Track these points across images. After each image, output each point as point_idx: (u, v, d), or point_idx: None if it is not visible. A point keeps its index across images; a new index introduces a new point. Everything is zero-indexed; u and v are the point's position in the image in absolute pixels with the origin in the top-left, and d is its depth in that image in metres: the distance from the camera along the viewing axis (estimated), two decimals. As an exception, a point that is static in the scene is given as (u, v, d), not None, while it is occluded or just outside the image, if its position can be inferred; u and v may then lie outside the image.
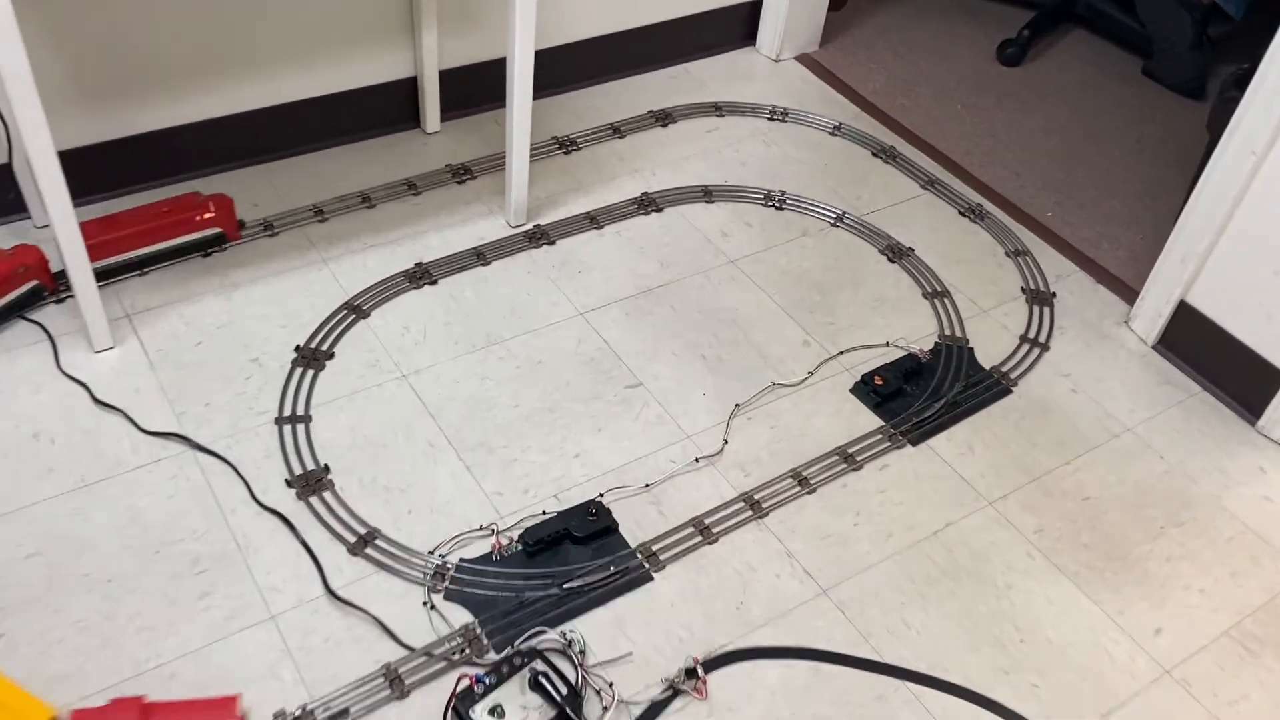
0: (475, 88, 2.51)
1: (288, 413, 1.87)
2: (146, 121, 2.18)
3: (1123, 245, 2.42)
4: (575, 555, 1.70)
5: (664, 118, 2.62)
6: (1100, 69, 3.00)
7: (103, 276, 1.99)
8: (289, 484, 1.76)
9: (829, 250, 2.32)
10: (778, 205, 2.41)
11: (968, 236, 2.41)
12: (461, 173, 2.39)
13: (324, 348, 1.99)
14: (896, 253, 2.33)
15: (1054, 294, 2.28)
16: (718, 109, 2.67)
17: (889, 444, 1.94)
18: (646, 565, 1.71)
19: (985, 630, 1.68)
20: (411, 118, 2.48)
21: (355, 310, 2.06)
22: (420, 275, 2.15)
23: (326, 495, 1.75)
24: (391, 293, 2.11)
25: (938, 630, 1.67)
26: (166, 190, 2.24)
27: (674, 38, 2.76)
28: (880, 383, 2.00)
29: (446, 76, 2.44)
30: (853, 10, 3.08)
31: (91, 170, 2.17)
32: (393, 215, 2.27)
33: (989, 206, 2.48)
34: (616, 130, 2.57)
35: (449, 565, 1.67)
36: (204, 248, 2.13)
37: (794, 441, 1.92)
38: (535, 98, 2.12)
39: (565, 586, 1.66)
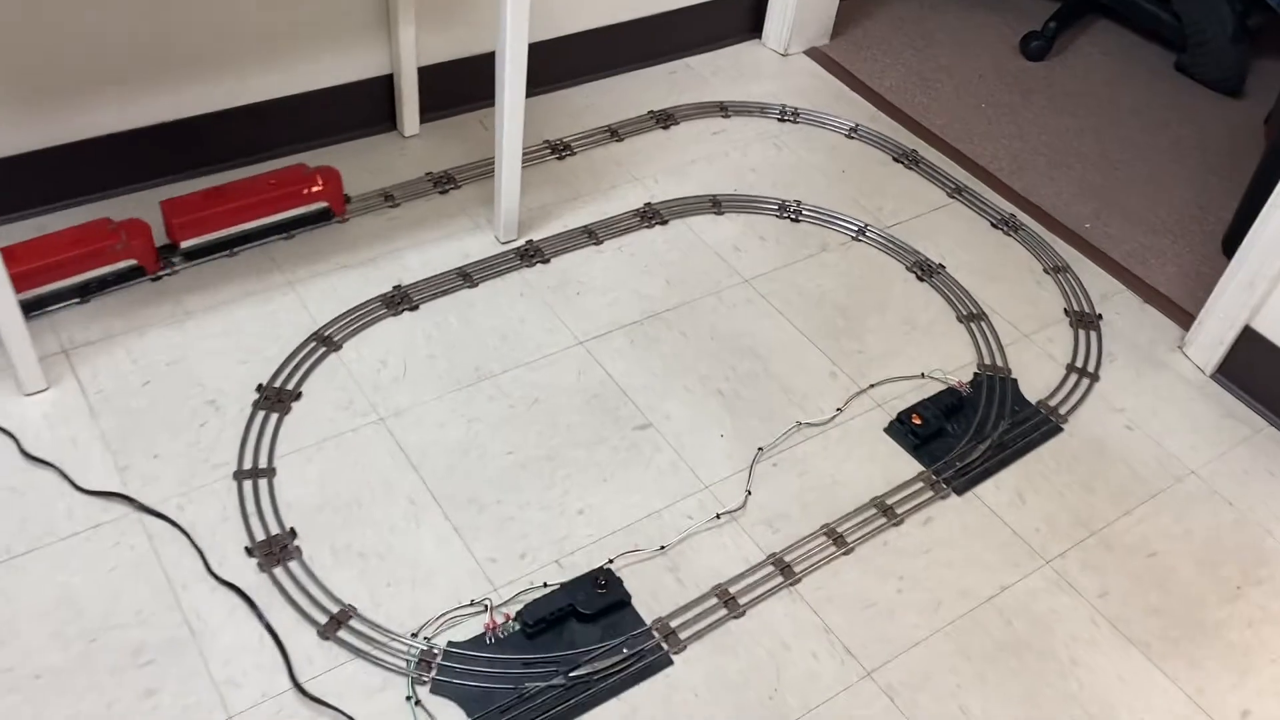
0: (457, 86, 2.26)
1: (248, 465, 1.63)
2: (87, 127, 1.93)
3: (1169, 259, 2.21)
4: (582, 636, 1.48)
5: (665, 119, 2.38)
6: (1129, 64, 2.79)
7: (206, 252, 1.93)
8: (250, 552, 1.52)
9: (852, 267, 2.10)
10: (794, 217, 2.19)
11: (1002, 251, 2.19)
12: (444, 181, 2.15)
13: (290, 387, 1.75)
14: (926, 270, 2.11)
15: (1100, 316, 2.07)
16: (723, 109, 2.44)
17: (932, 493, 1.72)
18: (665, 646, 1.49)
19: (1053, 717, 1.47)
20: (387, 119, 2.24)
21: (325, 342, 1.82)
22: (399, 300, 1.91)
23: (293, 565, 1.52)
24: (367, 321, 1.87)
25: (1000, 718, 1.46)
26: (115, 206, 1.99)
27: (673, 30, 2.53)
28: (919, 422, 1.78)
29: (426, 74, 2.20)
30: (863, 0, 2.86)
31: (18, 182, 1.91)
32: (367, 230, 2.03)
33: (1023, 217, 2.27)
34: (614, 133, 2.33)
35: (436, 650, 1.44)
36: (310, 223, 2.01)
37: (825, 491, 1.71)
38: (525, 96, 1.88)
39: (572, 675, 1.43)
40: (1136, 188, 2.39)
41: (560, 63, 2.39)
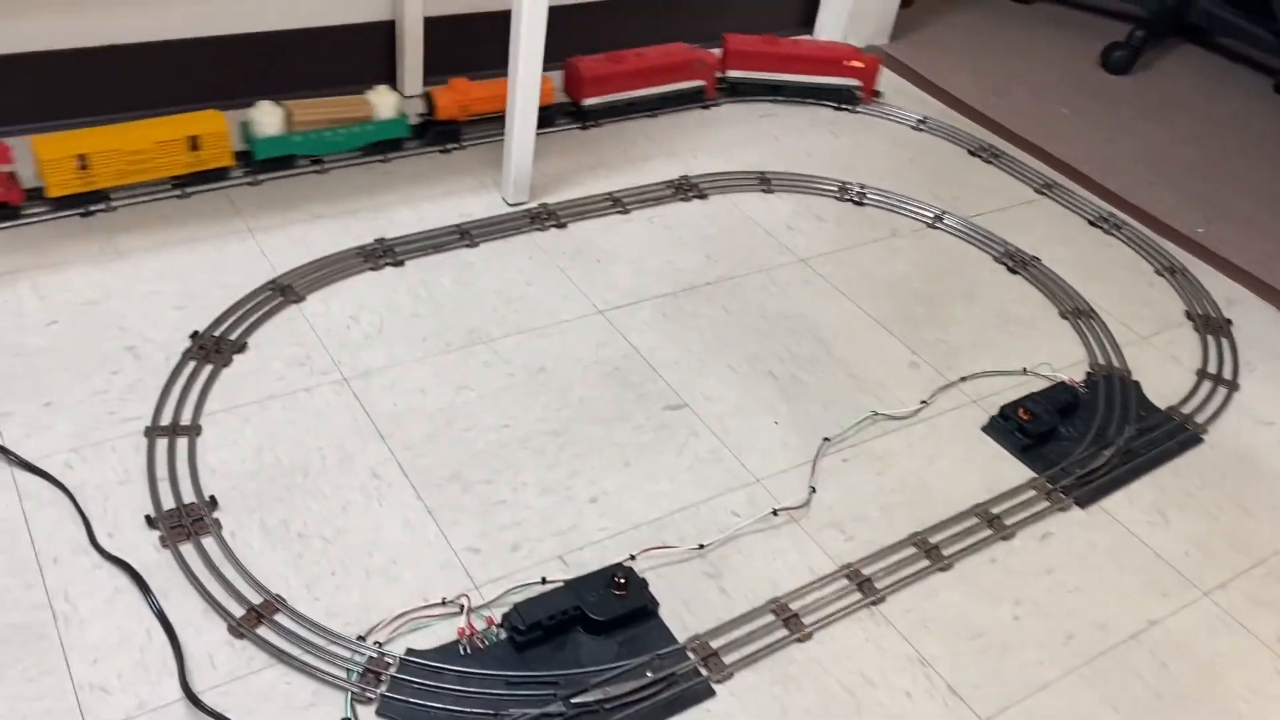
0: (468, 44, 1.96)
1: (166, 421, 1.25)
2: (21, 40, 1.62)
3: (1301, 270, 1.86)
4: (591, 651, 1.08)
5: (706, 99, 2.07)
6: (1222, 83, 2.50)
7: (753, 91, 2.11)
8: (151, 523, 1.14)
9: (929, 254, 1.76)
10: (856, 200, 1.85)
11: (1103, 249, 1.85)
12: (446, 139, 1.82)
13: (233, 336, 1.39)
14: (1018, 261, 1.76)
15: (1229, 321, 1.71)
16: (773, 91, 2.13)
17: (1048, 504, 1.34)
18: (704, 671, 1.08)
19: (1242, 794, 1.06)
20: (385, 75, 1.93)
21: (284, 291, 1.47)
22: (380, 254, 1.56)
23: (207, 542, 1.13)
24: (339, 273, 1.52)
25: (1169, 792, 1.05)
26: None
27: (718, 10, 2.24)
28: (1027, 418, 1.41)
29: (434, 26, 1.90)
30: (922, 10, 2.58)
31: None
32: (351, 183, 1.69)
33: (1123, 216, 1.93)
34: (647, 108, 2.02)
35: (389, 659, 1.04)
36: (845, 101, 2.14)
37: (913, 494, 1.32)
38: (545, 64, 1.58)
39: (574, 702, 1.03)
40: (1250, 198, 2.05)
41: (589, 31, 2.09)
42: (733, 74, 2.08)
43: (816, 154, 1.97)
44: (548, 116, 1.85)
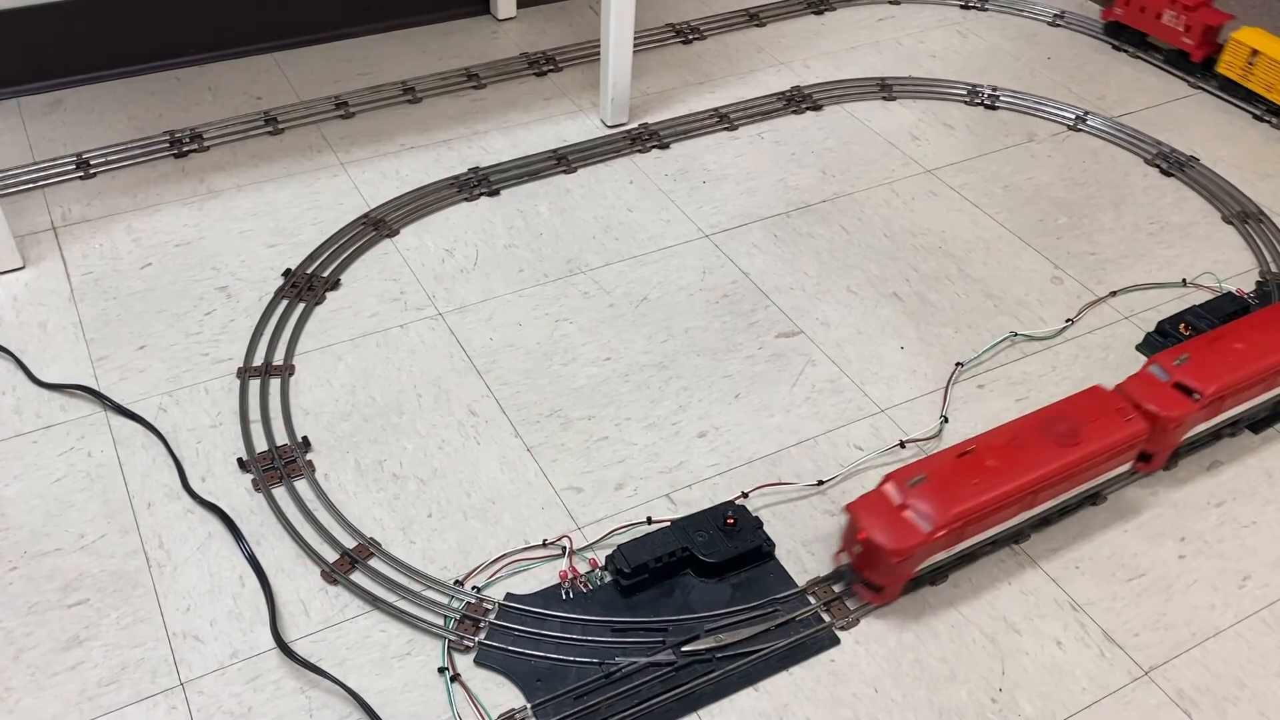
0: (564, -40, 1.87)
1: (258, 361, 1.21)
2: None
3: None
4: (702, 595, 1.00)
5: (818, 3, 1.93)
6: None
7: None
8: (244, 466, 1.10)
9: (1071, 159, 1.59)
10: (988, 104, 1.69)
11: (1271, 146, 1.64)
12: (542, 63, 1.73)
13: (326, 273, 1.33)
14: (1173, 163, 1.58)
15: None
16: None
17: (1215, 429, 1.19)
18: (827, 617, 0.99)
19: None
20: (478, 0, 1.85)
21: (377, 225, 1.41)
22: (475, 183, 1.49)
23: (300, 484, 1.08)
24: (432, 205, 1.45)
25: (1371, 755, 0.91)
26: (155, 79, 1.64)
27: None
28: (1188, 334, 1.25)
29: (525, -58, 1.81)
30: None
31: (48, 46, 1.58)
32: (444, 112, 1.62)
33: (1295, 110, 1.72)
34: (754, 17, 1.88)
35: (488, 604, 0.98)
36: None
37: (1057, 421, 1.19)
38: None
39: (686, 650, 0.95)
40: None
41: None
42: None
43: (942, 56, 1.81)
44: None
